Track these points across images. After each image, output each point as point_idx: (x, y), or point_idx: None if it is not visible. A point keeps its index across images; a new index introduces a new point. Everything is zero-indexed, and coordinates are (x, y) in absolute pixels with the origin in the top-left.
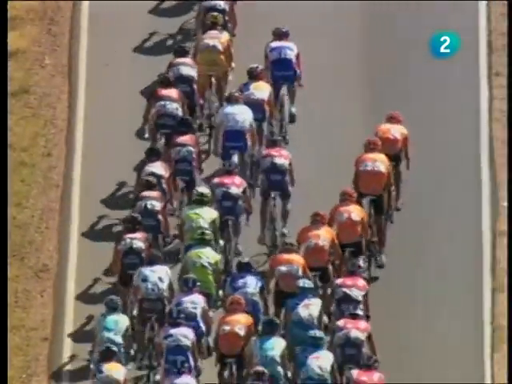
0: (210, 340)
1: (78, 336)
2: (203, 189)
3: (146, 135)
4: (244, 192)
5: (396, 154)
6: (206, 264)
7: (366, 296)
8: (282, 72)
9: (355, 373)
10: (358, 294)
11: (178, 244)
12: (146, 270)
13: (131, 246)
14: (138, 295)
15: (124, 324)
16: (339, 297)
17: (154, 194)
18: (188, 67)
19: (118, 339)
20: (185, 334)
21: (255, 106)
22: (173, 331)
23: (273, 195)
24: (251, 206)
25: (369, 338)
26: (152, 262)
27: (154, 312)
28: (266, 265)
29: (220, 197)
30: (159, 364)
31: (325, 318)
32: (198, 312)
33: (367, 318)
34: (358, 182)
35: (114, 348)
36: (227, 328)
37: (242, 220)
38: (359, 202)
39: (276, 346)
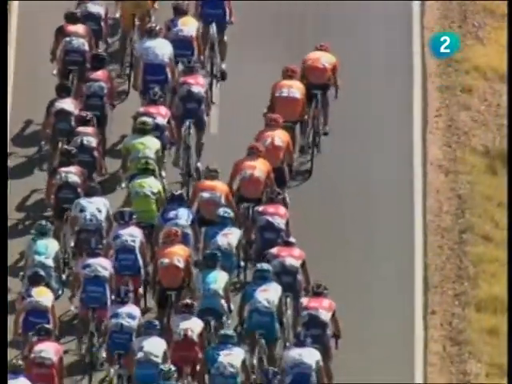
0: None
1: None
2: (145, 118)
3: (55, 71)
4: (168, 122)
5: (325, 82)
6: (149, 193)
7: (287, 224)
8: (212, 10)
9: (305, 300)
10: (280, 223)
11: (117, 176)
12: (84, 201)
13: (66, 180)
14: (75, 226)
15: (54, 248)
16: (262, 224)
17: (90, 130)
18: (97, 5)
19: (49, 262)
20: (103, 265)
21: (184, 42)
22: (91, 261)
23: (187, 123)
24: (174, 135)
25: (302, 265)
26: (90, 193)
27: (90, 243)
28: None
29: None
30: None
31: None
32: (137, 245)
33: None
34: (273, 108)
35: (42, 272)
36: (166, 261)
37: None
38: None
39: (219, 279)
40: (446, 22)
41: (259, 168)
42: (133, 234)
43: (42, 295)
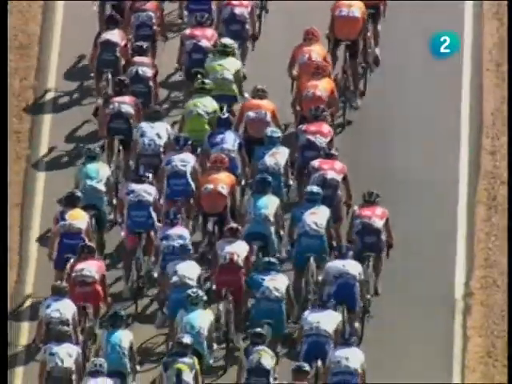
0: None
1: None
2: (226, 40)
3: (95, 7)
4: (214, 46)
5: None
6: (203, 112)
7: (330, 141)
8: None
9: (358, 209)
10: (321, 142)
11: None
12: (146, 126)
13: (119, 109)
14: (136, 150)
15: (105, 173)
16: (302, 144)
17: (146, 60)
18: None
19: (100, 186)
20: (147, 191)
21: None
22: (135, 187)
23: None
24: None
25: (344, 178)
26: (153, 118)
27: (151, 167)
28: None
29: (189, 49)
30: (122, 221)
31: None
32: (188, 170)
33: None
34: (333, 27)
35: (79, 193)
36: (210, 187)
37: None
38: (334, 48)
39: (269, 204)
40: None
41: (321, 87)
42: (184, 160)
43: (77, 218)
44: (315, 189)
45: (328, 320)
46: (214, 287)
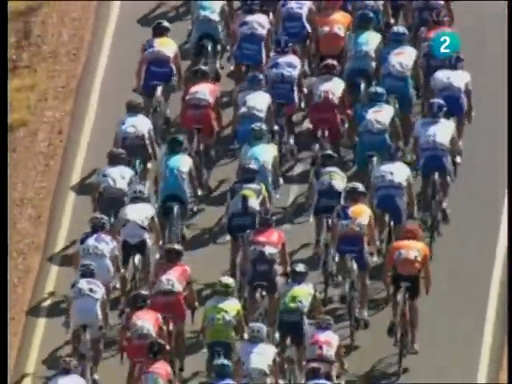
0: None
1: None
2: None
3: None
4: None
5: None
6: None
7: None
8: None
9: None
10: None
11: None
12: None
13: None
14: None
15: (219, 4)
16: None
17: None
18: None
19: (215, 17)
20: (260, 22)
21: None
22: (249, 18)
23: None
24: None
25: None
26: None
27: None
28: None
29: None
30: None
31: None
32: (303, 12)
33: None
34: None
35: (166, 24)
36: (326, 29)
37: None
38: None
39: (370, 40)
40: None
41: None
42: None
43: (165, 45)
44: (401, 29)
45: (443, 132)
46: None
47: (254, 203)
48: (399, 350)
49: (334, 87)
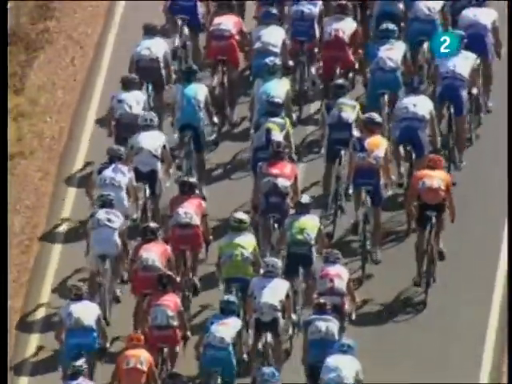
0: None
1: None
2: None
3: None
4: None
5: None
6: None
7: None
8: None
9: None
10: None
11: None
12: None
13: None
14: None
15: None
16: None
17: None
18: None
19: None
20: None
21: None
22: None
23: None
24: None
25: None
26: None
27: None
28: None
29: None
30: None
31: None
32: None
33: None
34: None
35: None
36: None
37: None
38: None
39: None
40: None
41: None
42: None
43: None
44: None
45: (463, 64)
46: (320, 65)
47: (278, 136)
48: (426, 281)
49: (345, 26)
